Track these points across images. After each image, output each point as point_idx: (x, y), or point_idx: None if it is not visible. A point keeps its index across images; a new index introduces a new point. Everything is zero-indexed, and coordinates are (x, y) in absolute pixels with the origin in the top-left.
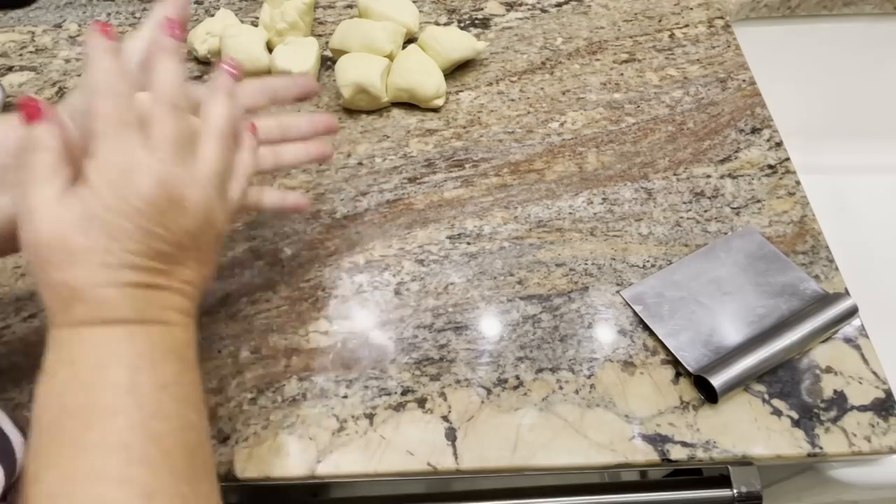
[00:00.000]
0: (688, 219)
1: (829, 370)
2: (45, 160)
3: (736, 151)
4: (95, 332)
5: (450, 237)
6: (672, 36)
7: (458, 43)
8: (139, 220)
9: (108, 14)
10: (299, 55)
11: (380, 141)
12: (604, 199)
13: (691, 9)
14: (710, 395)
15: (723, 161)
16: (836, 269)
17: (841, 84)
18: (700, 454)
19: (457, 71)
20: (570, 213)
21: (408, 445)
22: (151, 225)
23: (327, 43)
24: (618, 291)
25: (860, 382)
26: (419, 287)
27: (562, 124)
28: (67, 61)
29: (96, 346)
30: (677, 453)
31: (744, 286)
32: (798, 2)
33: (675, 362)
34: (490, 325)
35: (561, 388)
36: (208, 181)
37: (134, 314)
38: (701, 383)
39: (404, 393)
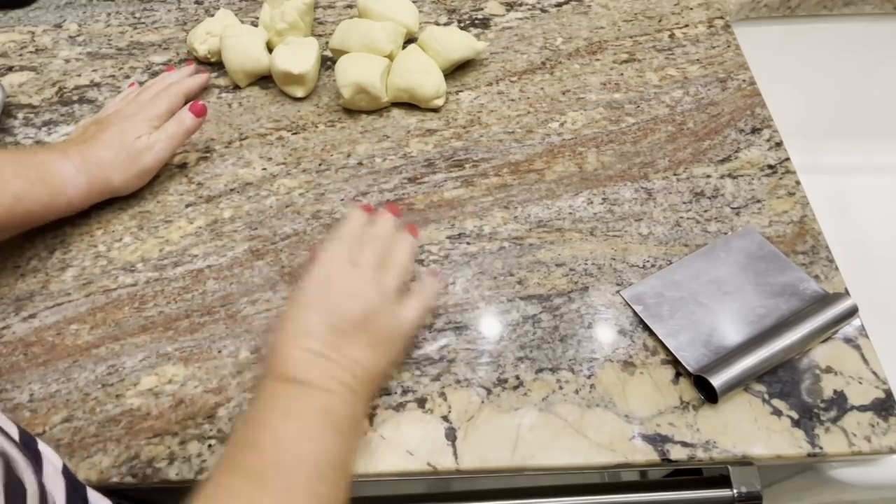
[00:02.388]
0: (688, 219)
1: (829, 370)
2: None
3: (736, 151)
4: (276, 384)
5: (450, 237)
6: (672, 36)
7: (458, 43)
8: (328, 311)
9: (108, 14)
10: (299, 55)
11: (380, 141)
12: (604, 199)
13: (691, 9)
14: (710, 395)
15: (723, 161)
16: (836, 269)
17: (841, 84)
18: (700, 454)
19: (457, 71)
20: (570, 213)
21: (408, 445)
22: (332, 314)
23: (327, 43)
24: (618, 291)
25: (860, 382)
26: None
27: (562, 124)
28: (67, 61)
29: (270, 395)
30: (677, 453)
31: (744, 286)
32: (798, 2)
33: (675, 362)
34: (490, 325)
35: (561, 388)
36: (386, 292)
37: (303, 375)
38: (701, 383)
39: (404, 393)
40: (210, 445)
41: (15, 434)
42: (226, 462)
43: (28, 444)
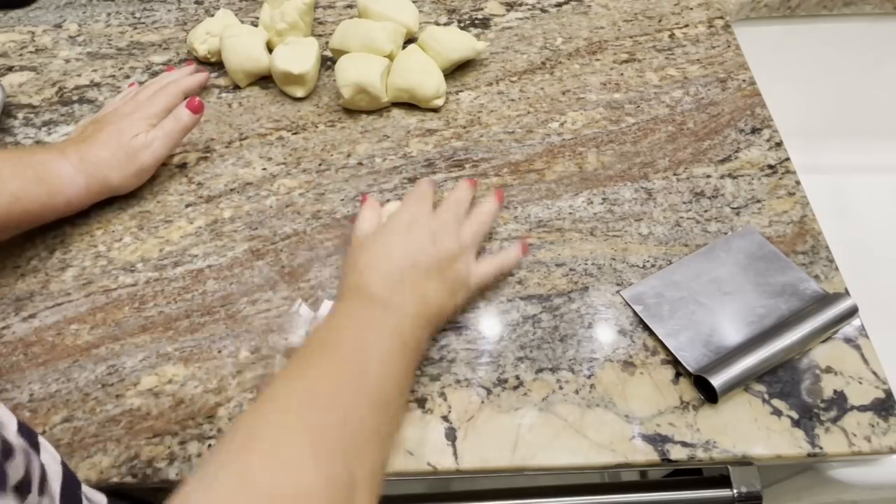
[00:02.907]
0: (688, 219)
1: (829, 370)
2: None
3: (736, 151)
4: (354, 300)
5: None
6: (672, 36)
7: (458, 43)
8: (409, 246)
9: (108, 14)
10: (299, 55)
11: (380, 141)
12: (604, 199)
13: (691, 9)
14: (710, 395)
15: (723, 161)
16: (836, 269)
17: (841, 84)
18: (700, 454)
19: (457, 71)
20: (570, 213)
21: (408, 445)
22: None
23: (327, 43)
24: (618, 291)
25: (860, 382)
26: None
27: (562, 124)
28: (67, 61)
29: (348, 308)
30: (677, 453)
31: (744, 286)
32: (798, 2)
33: (675, 362)
34: (490, 325)
35: (561, 388)
36: (463, 242)
37: (380, 295)
38: (701, 383)
39: None
40: (210, 445)
41: (13, 425)
42: (297, 360)
43: (27, 434)
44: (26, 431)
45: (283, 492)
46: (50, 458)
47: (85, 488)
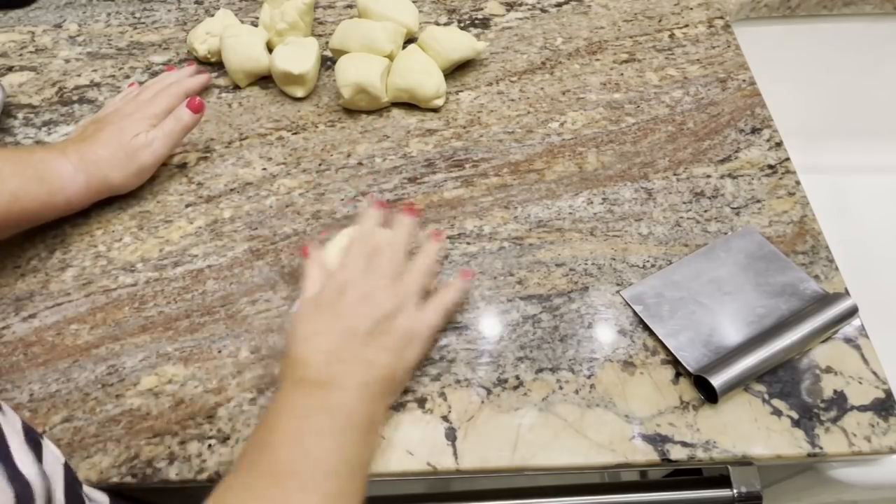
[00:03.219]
0: (688, 219)
1: (829, 370)
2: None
3: (736, 151)
4: (291, 387)
5: (450, 237)
6: (672, 36)
7: (458, 43)
8: (342, 316)
9: (108, 14)
10: (299, 55)
11: (380, 141)
12: (604, 199)
13: (691, 9)
14: (710, 395)
15: (723, 161)
16: (836, 269)
17: (841, 84)
18: (700, 454)
19: (457, 71)
20: (570, 213)
21: (408, 445)
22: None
23: (327, 43)
24: (618, 291)
25: (860, 382)
26: None
27: (562, 124)
28: (67, 61)
29: (285, 396)
30: (677, 453)
31: (744, 286)
32: (798, 2)
33: (675, 362)
34: (490, 325)
35: (561, 388)
36: (402, 297)
37: (317, 375)
38: (701, 383)
39: (404, 393)
40: (210, 445)
41: (19, 425)
42: (241, 463)
43: (30, 435)
44: (29, 431)
45: None
46: (53, 460)
47: (86, 488)
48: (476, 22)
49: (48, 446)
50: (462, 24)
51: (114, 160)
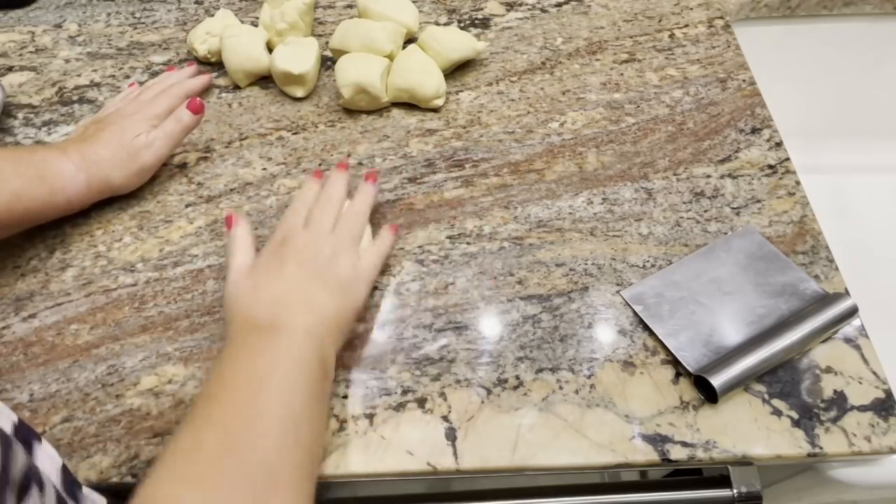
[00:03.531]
0: (688, 219)
1: (829, 370)
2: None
3: (736, 151)
4: (239, 334)
5: (450, 237)
6: (672, 36)
7: (458, 43)
8: (284, 264)
9: (108, 14)
10: (299, 55)
11: (380, 141)
12: (604, 199)
13: (691, 9)
14: (710, 395)
15: (723, 161)
16: (836, 269)
17: (841, 84)
18: (700, 454)
19: (457, 71)
20: (570, 213)
21: (408, 445)
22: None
23: (327, 43)
24: (618, 291)
25: (860, 382)
26: (419, 287)
27: (562, 124)
28: (67, 61)
29: (236, 344)
30: (677, 453)
31: (744, 286)
32: (798, 2)
33: (675, 362)
34: (490, 325)
35: (561, 388)
36: (341, 243)
37: (266, 321)
38: (701, 383)
39: (404, 393)
40: None
41: (13, 420)
42: (192, 415)
43: (22, 434)
44: (25, 431)
45: None
46: (49, 462)
47: (86, 490)
48: (476, 22)
49: (45, 448)
50: (462, 24)
51: (115, 160)
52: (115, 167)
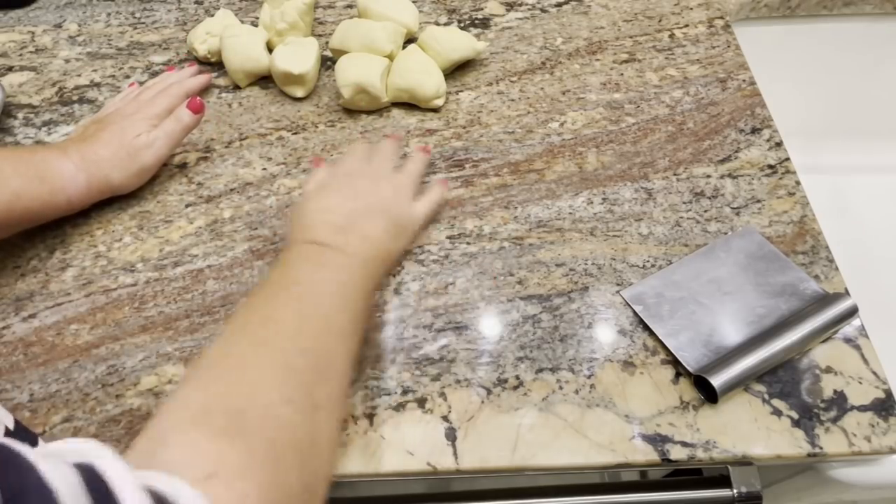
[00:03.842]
0: (688, 219)
1: (829, 370)
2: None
3: (736, 151)
4: (298, 247)
5: (450, 237)
6: (672, 36)
7: (458, 43)
8: (349, 195)
9: (108, 14)
10: (299, 55)
11: (380, 141)
12: (604, 199)
13: (691, 9)
14: (710, 395)
15: (723, 161)
16: (836, 269)
17: (841, 84)
18: (700, 454)
19: (457, 71)
20: (570, 213)
21: (408, 445)
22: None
23: (327, 43)
24: (618, 291)
25: (860, 382)
26: (419, 287)
27: (562, 124)
28: (67, 61)
29: (294, 254)
30: (677, 453)
31: (744, 286)
32: (798, 2)
33: (675, 362)
34: (490, 325)
35: (561, 388)
36: (400, 188)
37: (324, 239)
38: (701, 383)
39: (404, 393)
40: None
41: (10, 423)
42: (258, 295)
43: (21, 435)
44: (21, 432)
45: (249, 412)
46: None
47: None
48: (476, 22)
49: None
50: (462, 24)
51: (115, 160)
52: (116, 167)
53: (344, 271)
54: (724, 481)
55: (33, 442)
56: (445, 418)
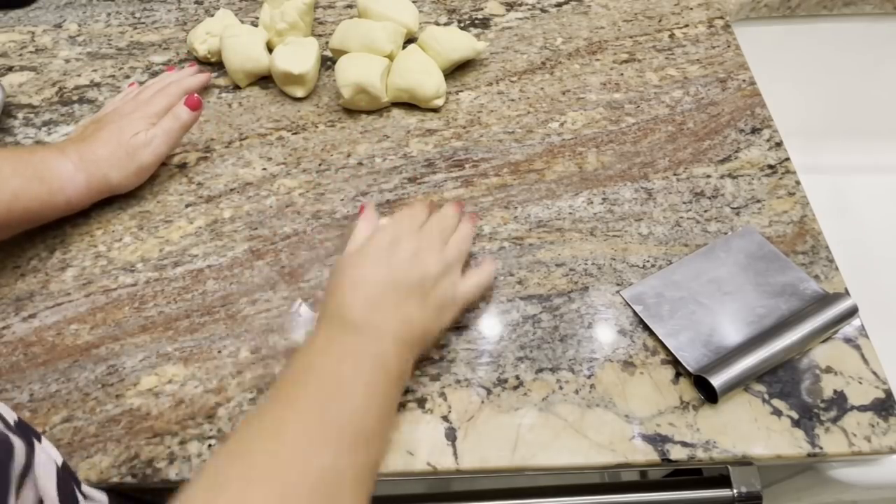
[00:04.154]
0: (688, 219)
1: (829, 370)
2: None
3: (736, 151)
4: (331, 328)
5: None
6: (672, 36)
7: (458, 43)
8: (391, 268)
9: (108, 14)
10: (299, 55)
11: (380, 141)
12: (604, 199)
13: (691, 9)
14: (710, 395)
15: (723, 161)
16: (836, 269)
17: (841, 84)
18: (700, 454)
19: (457, 71)
20: (570, 213)
21: (408, 445)
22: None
23: (327, 43)
24: (618, 291)
25: (860, 382)
26: None
27: (562, 124)
28: (67, 61)
29: (325, 337)
30: (677, 453)
31: (744, 286)
32: (798, 2)
33: (675, 362)
34: (490, 325)
35: (561, 388)
36: (447, 261)
37: (360, 320)
38: (701, 383)
39: (404, 393)
40: (210, 445)
41: (11, 419)
42: (273, 396)
43: (23, 430)
44: (22, 427)
45: None
46: (47, 460)
47: (86, 488)
48: (476, 22)
49: (45, 447)
50: (462, 24)
51: (113, 159)
52: (114, 166)
53: (374, 364)
54: (724, 481)
55: (37, 438)
56: (445, 418)
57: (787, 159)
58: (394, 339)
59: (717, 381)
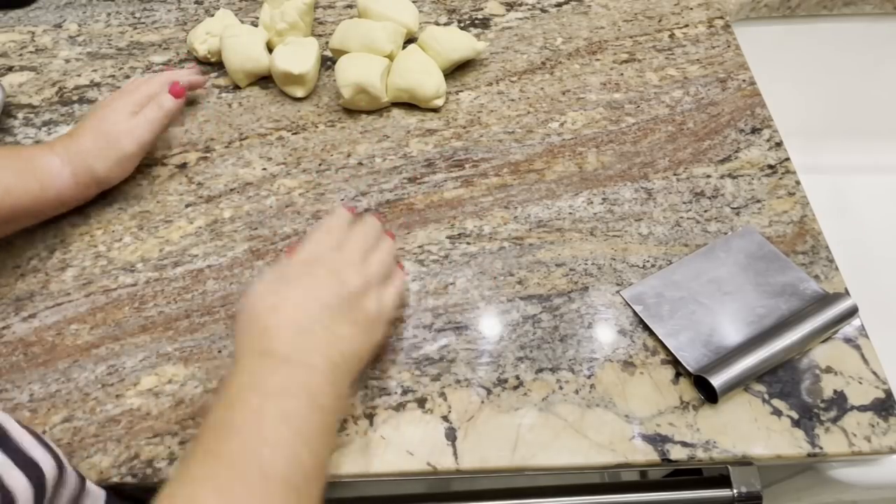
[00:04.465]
0: (688, 219)
1: (829, 370)
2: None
3: (736, 151)
4: (255, 360)
5: (450, 237)
6: (672, 36)
7: (458, 43)
8: (313, 289)
9: (108, 14)
10: (299, 55)
11: (380, 141)
12: (604, 199)
13: (691, 9)
14: (710, 395)
15: (723, 161)
16: (836, 269)
17: (841, 84)
18: (700, 454)
19: (457, 71)
20: (570, 213)
21: (408, 445)
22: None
23: (327, 43)
24: (618, 291)
25: (860, 382)
26: (419, 287)
27: (562, 124)
28: (67, 61)
29: (248, 371)
30: (677, 453)
31: (744, 286)
32: (798, 2)
33: (675, 362)
34: (490, 325)
35: (561, 388)
36: (369, 277)
37: (285, 350)
38: (701, 383)
39: (404, 393)
40: None
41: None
42: (198, 446)
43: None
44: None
45: None
46: (42, 456)
47: (89, 484)
48: (476, 22)
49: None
50: (462, 24)
51: (96, 150)
52: (98, 157)
53: (302, 398)
54: (724, 481)
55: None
56: (445, 418)
57: (787, 159)
58: (325, 366)
59: (717, 381)
